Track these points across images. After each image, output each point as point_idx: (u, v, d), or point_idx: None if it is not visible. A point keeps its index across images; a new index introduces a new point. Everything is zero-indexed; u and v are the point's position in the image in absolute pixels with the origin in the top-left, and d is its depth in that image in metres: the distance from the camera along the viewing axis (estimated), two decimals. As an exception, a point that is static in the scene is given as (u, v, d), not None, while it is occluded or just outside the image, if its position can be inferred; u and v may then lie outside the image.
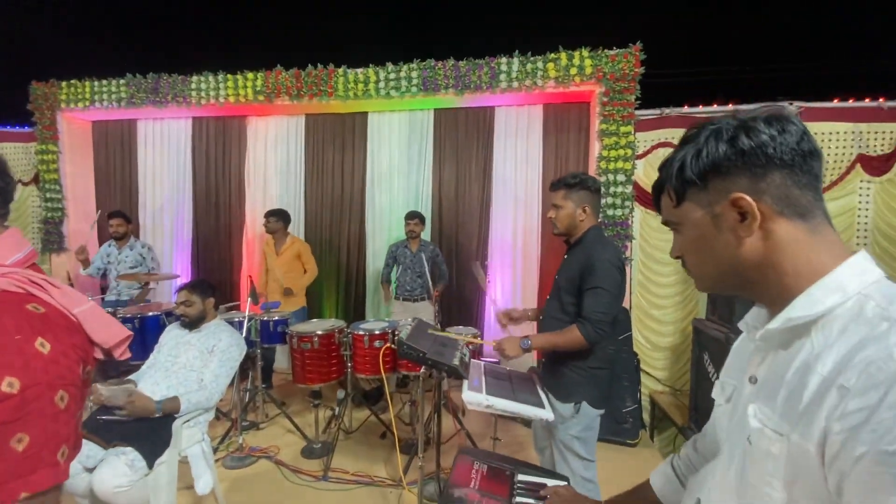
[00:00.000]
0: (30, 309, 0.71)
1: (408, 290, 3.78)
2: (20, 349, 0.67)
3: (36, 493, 0.66)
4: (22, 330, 0.68)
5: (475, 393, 1.73)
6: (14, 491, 0.64)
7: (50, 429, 0.68)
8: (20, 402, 0.65)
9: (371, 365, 2.99)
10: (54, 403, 0.69)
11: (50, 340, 0.70)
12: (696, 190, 0.64)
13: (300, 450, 3.04)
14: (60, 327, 0.73)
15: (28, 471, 0.65)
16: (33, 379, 0.66)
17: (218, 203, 4.81)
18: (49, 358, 0.69)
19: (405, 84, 4.02)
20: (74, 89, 4.61)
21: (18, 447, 0.64)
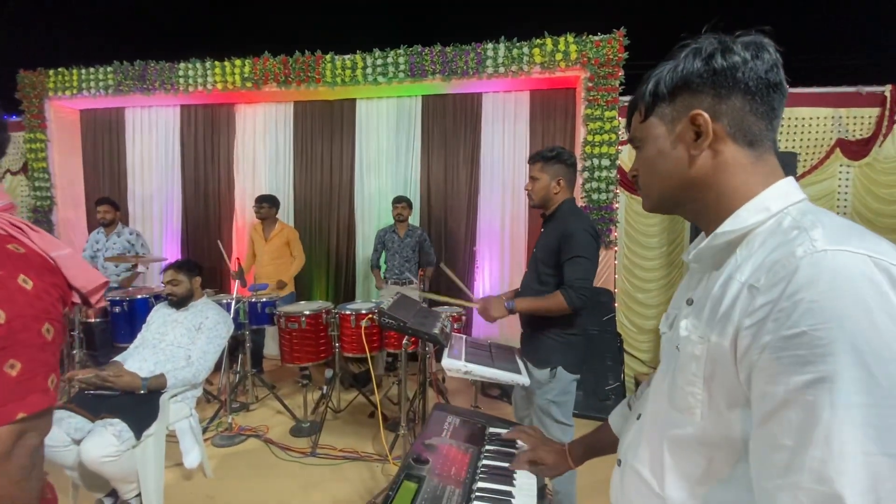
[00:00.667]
0: (10, 248, 0.75)
1: (396, 273, 3.82)
2: (3, 284, 0.71)
3: (31, 414, 0.71)
4: (4, 267, 0.72)
5: (454, 360, 1.78)
6: (12, 412, 0.69)
7: (39, 357, 0.73)
8: (7, 332, 0.70)
9: (358, 344, 3.03)
10: (41, 334, 0.74)
11: (32, 278, 0.75)
12: (664, 105, 0.65)
13: (289, 429, 3.09)
14: (41, 267, 0.78)
15: (23, 394, 0.70)
16: (18, 311, 0.71)
17: (207, 190, 4.82)
18: (33, 294, 0.74)
19: (392, 70, 4.04)
20: (62, 77, 4.59)
21: (12, 372, 0.70)
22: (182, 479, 2.52)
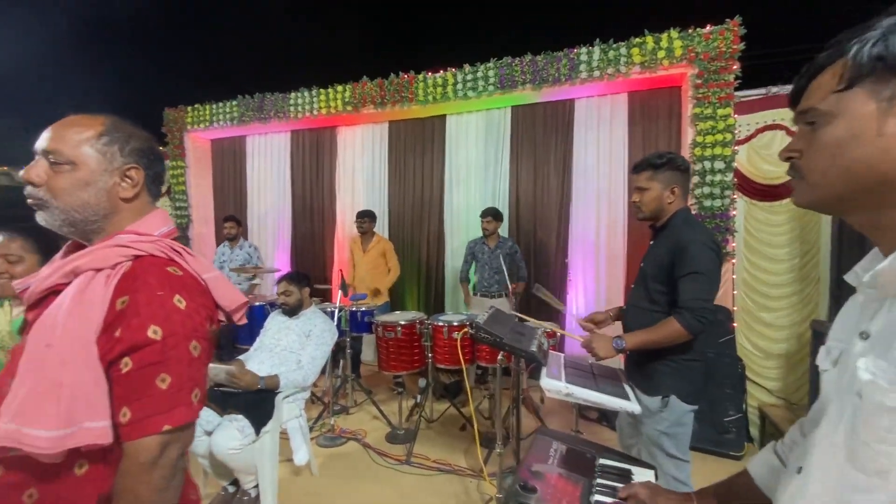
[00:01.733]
0: (170, 271, 0.84)
1: (485, 286, 3.80)
2: (162, 303, 0.79)
3: (176, 426, 0.77)
4: (164, 287, 0.81)
5: (554, 381, 1.70)
6: (159, 423, 0.76)
7: (186, 373, 0.79)
8: (162, 348, 0.77)
9: (450, 355, 3.05)
10: (189, 351, 0.81)
11: (185, 298, 0.82)
12: (882, 77, 0.51)
13: (385, 435, 3.19)
14: (194, 288, 0.86)
15: (170, 406, 0.77)
16: (173, 329, 0.78)
17: (312, 207, 5.25)
18: (185, 313, 0.81)
19: (482, 84, 4.07)
20: (198, 112, 5.34)
21: (163, 386, 0.77)
22: (291, 475, 2.71)
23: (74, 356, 0.74)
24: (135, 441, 0.75)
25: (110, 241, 0.84)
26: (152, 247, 0.85)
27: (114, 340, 0.76)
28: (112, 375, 0.76)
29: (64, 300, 0.78)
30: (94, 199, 0.85)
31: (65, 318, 0.76)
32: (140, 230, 0.87)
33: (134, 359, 0.76)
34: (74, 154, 0.83)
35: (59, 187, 0.82)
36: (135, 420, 0.75)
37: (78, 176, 0.83)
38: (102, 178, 0.85)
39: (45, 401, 0.72)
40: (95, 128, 0.85)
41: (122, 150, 0.87)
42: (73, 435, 0.72)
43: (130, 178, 0.88)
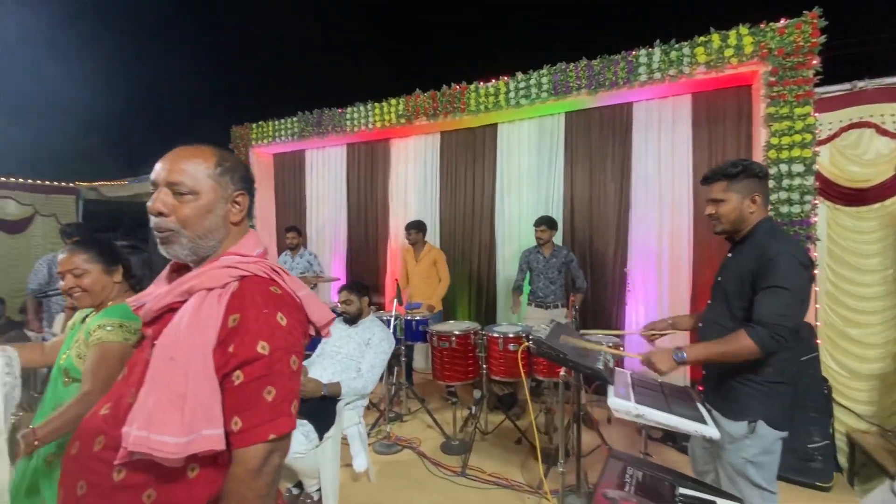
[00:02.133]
0: (272, 290, 0.90)
1: (540, 296, 3.72)
2: (267, 321, 0.85)
3: (279, 436, 0.82)
4: (268, 305, 0.87)
5: (622, 400, 1.63)
6: (265, 432, 0.81)
7: (287, 385, 0.85)
8: (269, 362, 0.83)
9: (505, 367, 3.02)
10: (290, 365, 0.86)
11: (286, 315, 0.88)
12: None
13: (439, 444, 3.20)
14: (292, 306, 0.91)
15: (274, 417, 0.82)
16: (277, 344, 0.84)
17: (367, 217, 5.41)
18: (286, 329, 0.87)
19: (535, 91, 4.03)
20: (261, 129, 5.67)
21: (268, 398, 0.82)
22: (350, 480, 2.78)
23: (195, 369, 0.81)
24: (244, 448, 0.80)
25: (218, 263, 0.91)
26: (256, 267, 0.91)
27: (228, 355, 0.82)
28: (225, 387, 0.82)
29: (183, 317, 0.85)
30: (214, 224, 0.92)
31: (185, 334, 0.83)
32: (241, 252, 0.94)
33: (245, 372, 0.82)
34: (196, 184, 0.90)
35: (186, 216, 0.89)
36: (245, 429, 0.80)
37: (200, 204, 0.90)
38: (219, 205, 0.93)
39: (171, 410, 0.79)
40: (211, 159, 0.93)
41: (233, 178, 0.95)
42: (194, 442, 0.78)
43: (239, 203, 0.96)
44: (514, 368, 3.00)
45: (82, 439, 0.87)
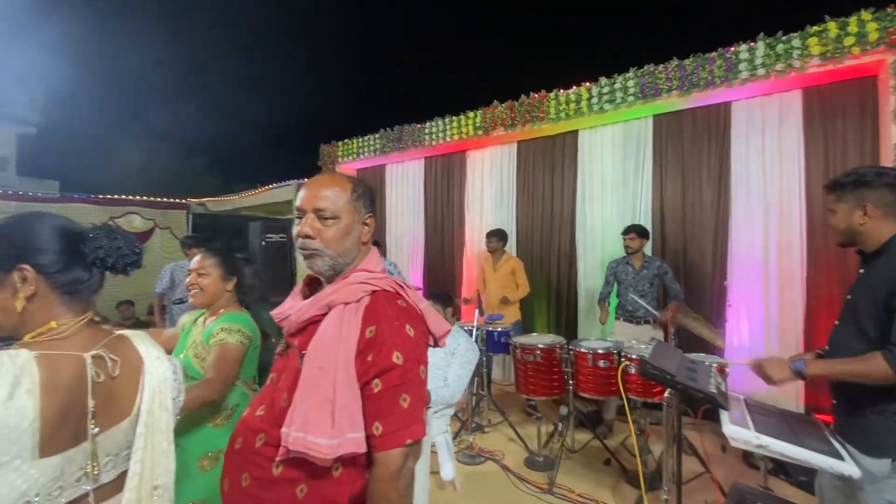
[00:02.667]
0: (399, 303, 0.96)
1: (629, 310, 3.52)
2: (398, 332, 0.91)
3: (415, 440, 0.88)
4: (399, 318, 0.93)
5: (740, 428, 1.50)
6: (402, 438, 0.87)
7: (418, 393, 0.91)
8: (403, 371, 0.89)
9: (594, 384, 2.91)
10: (419, 374, 0.92)
11: (413, 327, 0.94)
12: None
13: (523, 459, 3.15)
14: (416, 318, 0.97)
15: (410, 423, 0.88)
16: (409, 355, 0.90)
17: (443, 227, 5.52)
18: (414, 340, 0.93)
19: (620, 95, 3.89)
20: (347, 146, 6.03)
21: (404, 405, 0.88)
22: (436, 488, 2.82)
23: (341, 377, 0.88)
24: (385, 452, 0.86)
25: (351, 279, 0.99)
26: (384, 283, 0.98)
27: (368, 364, 0.89)
28: (365, 394, 0.89)
29: (326, 329, 0.94)
30: (351, 245, 1.02)
31: (330, 345, 0.91)
32: (368, 268, 1.02)
33: (383, 380, 0.88)
34: (337, 209, 0.99)
35: (329, 238, 0.99)
36: (385, 433, 0.87)
37: (341, 227, 0.99)
38: (355, 227, 1.02)
39: (322, 414, 0.87)
40: (347, 186, 1.02)
41: (364, 203, 1.04)
42: (342, 444, 0.85)
43: (368, 225, 1.05)
44: (603, 386, 2.88)
45: (245, 436, 0.97)
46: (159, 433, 0.89)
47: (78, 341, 0.83)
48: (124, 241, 0.91)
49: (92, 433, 0.80)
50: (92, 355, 0.82)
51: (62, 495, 0.77)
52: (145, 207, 8.68)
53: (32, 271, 0.80)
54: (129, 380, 0.88)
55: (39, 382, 0.73)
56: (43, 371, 0.74)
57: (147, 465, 0.86)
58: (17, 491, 0.71)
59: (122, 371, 0.86)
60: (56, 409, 0.75)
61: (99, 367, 0.82)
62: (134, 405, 0.88)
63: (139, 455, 0.85)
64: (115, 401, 0.85)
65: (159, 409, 0.89)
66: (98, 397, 0.81)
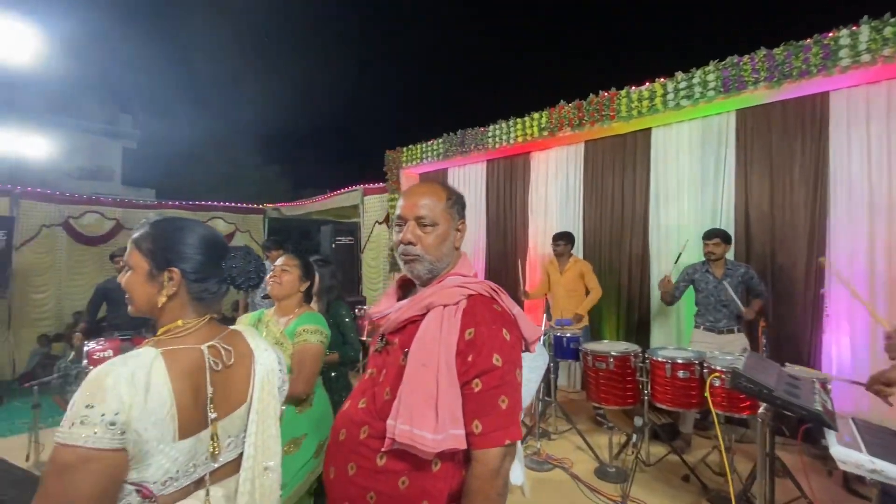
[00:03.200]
0: (495, 308, 1.00)
1: (710, 320, 3.29)
2: (496, 336, 0.95)
3: (513, 441, 0.91)
4: (496, 322, 0.97)
5: (851, 451, 1.38)
6: (500, 438, 0.90)
7: (515, 396, 0.93)
8: (502, 374, 0.92)
9: (672, 395, 2.77)
10: (516, 377, 0.95)
11: (510, 331, 0.97)
12: None
13: (593, 469, 3.06)
14: (511, 323, 1.00)
15: (508, 424, 0.91)
16: (507, 357, 0.93)
17: (505, 230, 5.50)
18: (511, 344, 0.96)
19: (699, 90, 3.67)
20: (410, 152, 6.19)
21: (503, 406, 0.91)
22: (504, 492, 2.82)
23: (443, 375, 0.93)
24: (484, 450, 0.90)
25: (447, 283, 1.04)
26: (480, 287, 1.02)
27: (468, 364, 0.93)
28: (465, 393, 0.93)
29: (427, 329, 0.98)
30: (448, 250, 1.07)
31: (431, 344, 0.96)
32: (462, 272, 1.07)
33: (483, 381, 0.92)
34: (435, 217, 1.05)
35: (429, 244, 1.05)
36: (485, 432, 0.90)
37: (439, 233, 1.05)
38: (451, 233, 1.08)
39: (426, 409, 0.91)
40: (443, 195, 1.08)
41: (458, 210, 1.10)
42: (445, 440, 0.89)
43: (461, 230, 1.10)
44: (682, 397, 2.74)
45: (349, 428, 1.04)
46: (269, 419, 0.98)
47: (198, 336, 0.94)
48: (255, 265, 1.01)
49: (211, 417, 0.89)
50: (208, 346, 0.92)
51: (195, 472, 0.88)
52: (228, 213, 9.45)
53: (179, 275, 0.91)
54: (243, 369, 0.97)
55: (168, 374, 0.83)
56: (169, 364, 0.85)
57: (259, 447, 0.95)
58: (162, 470, 0.82)
59: (236, 361, 0.96)
60: (187, 395, 0.86)
61: (215, 356, 0.92)
62: (248, 393, 0.97)
63: (252, 438, 0.94)
64: (232, 388, 0.95)
65: (268, 397, 0.98)
66: (216, 385, 0.91)
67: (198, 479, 0.90)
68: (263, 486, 0.95)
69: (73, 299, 7.38)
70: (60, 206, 7.28)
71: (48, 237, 7.08)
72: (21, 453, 3.21)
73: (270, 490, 0.96)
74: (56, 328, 6.96)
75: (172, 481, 0.84)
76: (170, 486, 0.84)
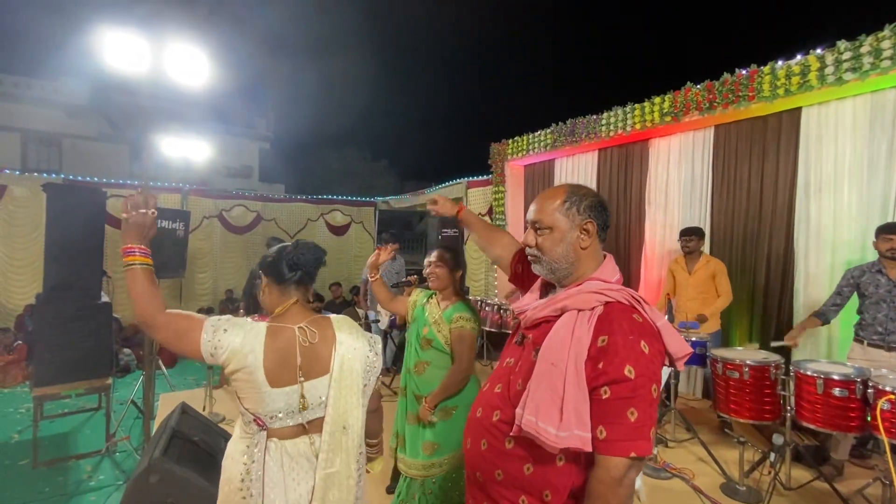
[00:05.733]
0: (635, 318, 0.98)
1: (880, 332, 2.77)
2: (632, 346, 0.93)
3: (639, 456, 0.90)
4: (634, 332, 0.95)
5: None
6: (627, 448, 0.89)
7: (648, 411, 0.91)
8: (634, 386, 0.91)
9: (822, 415, 2.43)
10: (651, 392, 0.92)
11: (649, 344, 0.94)
12: None
13: (718, 484, 2.83)
14: (652, 335, 0.97)
15: (635, 437, 0.90)
16: (642, 371, 0.91)
17: (618, 223, 5.21)
18: (649, 357, 0.93)
19: (869, 61, 3.09)
20: (516, 144, 6.16)
21: (631, 418, 0.90)
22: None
23: (570, 376, 0.95)
24: (607, 457, 0.90)
25: (585, 287, 1.04)
26: (619, 294, 1.01)
27: (598, 371, 0.94)
28: (593, 398, 0.94)
29: (559, 331, 1.01)
30: (565, 251, 1.08)
31: (561, 346, 0.99)
32: (603, 277, 1.06)
33: (612, 390, 0.92)
34: (550, 220, 1.09)
35: (543, 246, 1.09)
36: (609, 440, 0.91)
37: (554, 236, 1.08)
38: (570, 234, 1.08)
39: (552, 405, 0.95)
40: (560, 197, 1.10)
41: (580, 209, 1.08)
42: (569, 438, 0.92)
43: (587, 230, 1.08)
44: (836, 418, 2.38)
45: (484, 408, 1.12)
46: (346, 388, 1.27)
47: (295, 317, 1.30)
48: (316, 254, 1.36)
49: (300, 380, 1.25)
50: (299, 327, 1.28)
51: (291, 418, 1.24)
52: (344, 206, 10.34)
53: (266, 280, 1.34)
54: (326, 348, 1.29)
55: (265, 342, 1.23)
56: (269, 335, 1.24)
57: (337, 409, 1.26)
58: (272, 406, 1.22)
59: (320, 341, 1.29)
60: (273, 358, 1.22)
61: (304, 335, 1.27)
62: (330, 366, 1.27)
63: (331, 402, 1.26)
64: (317, 360, 1.27)
65: (347, 371, 1.28)
66: (303, 356, 1.26)
67: (298, 424, 1.25)
68: (341, 440, 1.26)
69: (225, 279, 8.75)
70: (216, 201, 8.64)
71: (207, 227, 8.45)
72: (197, 404, 3.94)
73: (349, 445, 1.27)
74: (212, 302, 8.33)
75: (276, 419, 1.23)
76: (275, 421, 1.23)
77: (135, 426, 3.86)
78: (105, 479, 3.12)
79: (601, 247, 1.13)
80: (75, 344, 3.34)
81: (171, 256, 4.54)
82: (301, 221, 9.61)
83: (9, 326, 6.34)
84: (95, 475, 3.17)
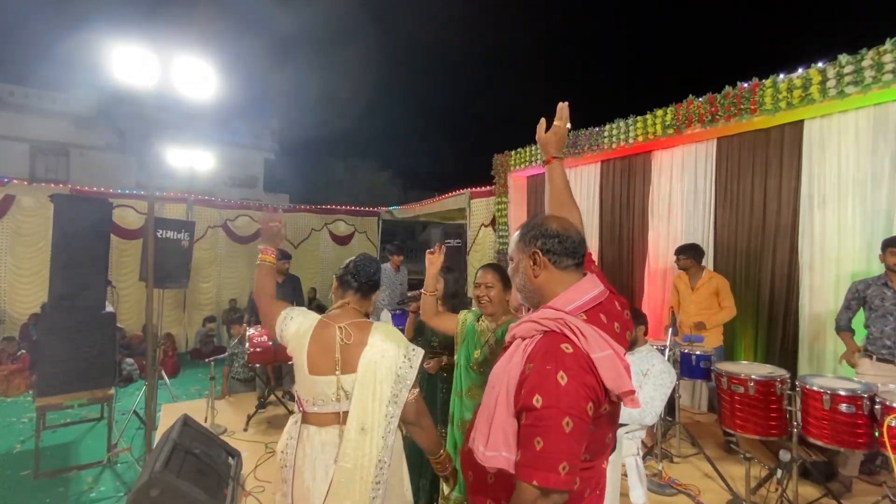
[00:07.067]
0: (562, 348, 0.94)
1: (888, 346, 2.76)
2: (547, 377, 0.91)
3: (541, 486, 0.87)
4: (551, 363, 0.93)
5: None
6: (530, 476, 0.89)
7: (558, 443, 0.88)
8: (538, 416, 0.90)
9: (830, 431, 2.40)
10: (562, 426, 0.88)
11: (568, 376, 0.91)
12: None
13: (725, 501, 2.79)
14: (578, 367, 0.92)
15: (538, 466, 0.88)
16: (550, 402, 0.89)
17: (621, 235, 5.21)
18: (564, 389, 0.90)
19: (871, 74, 3.11)
20: (519, 156, 6.19)
21: (537, 447, 0.89)
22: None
23: (501, 398, 0.99)
24: (519, 480, 0.92)
25: (532, 315, 1.06)
26: (553, 324, 0.98)
27: (519, 397, 0.95)
28: (519, 423, 0.96)
29: (504, 357, 1.07)
30: (522, 281, 1.14)
31: (501, 371, 1.03)
32: (556, 306, 1.03)
33: (525, 416, 0.93)
34: (512, 253, 1.17)
35: (512, 277, 1.19)
36: (520, 464, 0.92)
37: (513, 266, 1.17)
38: (522, 264, 1.13)
39: (484, 425, 1.01)
40: (518, 230, 1.17)
41: (526, 240, 1.12)
42: (496, 458, 0.96)
43: (534, 259, 1.09)
44: (843, 434, 2.36)
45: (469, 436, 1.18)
46: (369, 391, 1.40)
47: (341, 317, 1.52)
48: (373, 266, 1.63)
49: (337, 372, 1.44)
50: (339, 326, 1.48)
51: (327, 405, 1.44)
52: (348, 215, 10.38)
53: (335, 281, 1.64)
54: (358, 349, 1.45)
55: (312, 332, 1.48)
56: (317, 327, 1.49)
57: (358, 407, 1.39)
58: (310, 391, 1.46)
59: (354, 342, 1.46)
60: (315, 349, 1.46)
61: (342, 334, 1.46)
62: (357, 366, 1.43)
63: (353, 400, 1.41)
64: (349, 359, 1.45)
65: (371, 374, 1.41)
66: (342, 352, 1.45)
67: (334, 412, 1.42)
68: (358, 441, 1.36)
69: (229, 288, 8.76)
70: (221, 211, 8.69)
71: (212, 236, 8.49)
72: (199, 415, 3.93)
73: (366, 447, 1.36)
74: (215, 312, 8.33)
75: (312, 404, 1.45)
76: (311, 406, 1.45)
77: (136, 437, 3.85)
78: (106, 490, 3.11)
79: (570, 272, 1.09)
80: (79, 353, 3.35)
81: (175, 267, 4.56)
82: (305, 231, 9.63)
83: (14, 335, 6.36)
84: (96, 486, 3.15)
